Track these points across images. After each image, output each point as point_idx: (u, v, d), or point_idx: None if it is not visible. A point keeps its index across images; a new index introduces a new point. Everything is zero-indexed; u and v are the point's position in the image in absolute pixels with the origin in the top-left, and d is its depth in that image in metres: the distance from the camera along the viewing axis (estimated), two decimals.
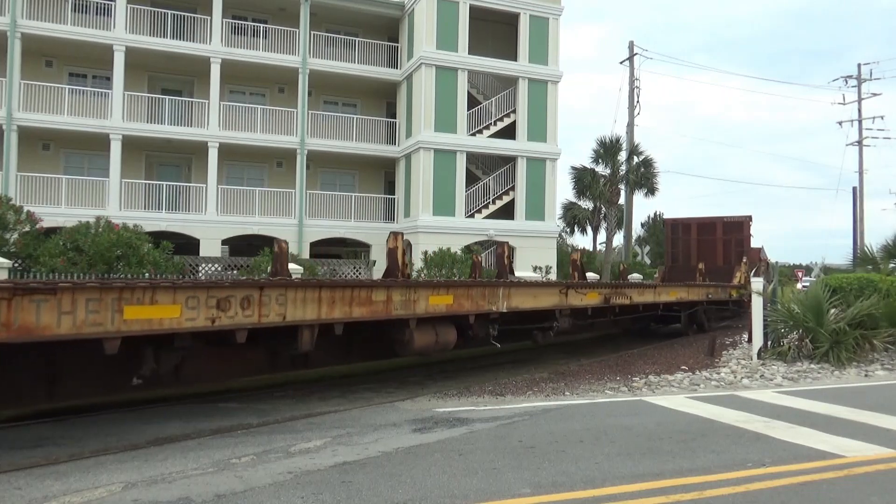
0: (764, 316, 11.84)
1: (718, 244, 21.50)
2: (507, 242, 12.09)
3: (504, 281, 10.51)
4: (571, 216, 33.88)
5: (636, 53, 33.65)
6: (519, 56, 26.71)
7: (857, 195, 38.93)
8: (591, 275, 20.53)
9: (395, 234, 10.13)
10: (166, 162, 26.42)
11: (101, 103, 23.79)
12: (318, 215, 26.03)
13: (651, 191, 32.41)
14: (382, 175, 29.01)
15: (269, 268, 14.79)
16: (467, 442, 5.99)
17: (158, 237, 18.01)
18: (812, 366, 10.89)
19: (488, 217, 26.34)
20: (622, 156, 31.25)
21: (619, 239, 34.81)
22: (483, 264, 22.53)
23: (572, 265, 14.28)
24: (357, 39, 27.37)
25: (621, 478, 4.93)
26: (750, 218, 21.52)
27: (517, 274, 18.60)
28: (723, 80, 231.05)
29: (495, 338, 10.10)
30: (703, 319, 17.00)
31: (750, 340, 12.75)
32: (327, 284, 7.42)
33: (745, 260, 19.27)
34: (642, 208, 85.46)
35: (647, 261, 45.33)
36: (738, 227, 21.40)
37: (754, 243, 27.89)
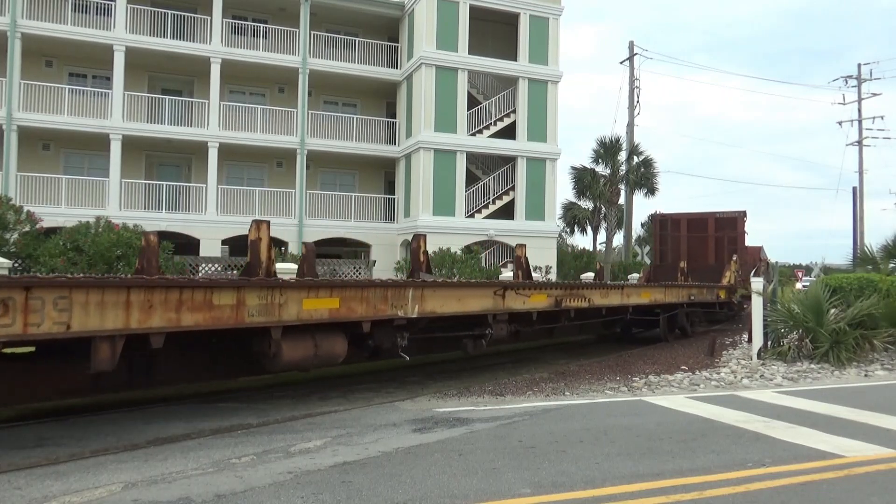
0: (764, 316, 11.84)
1: (710, 241, 20.27)
2: (425, 235, 10.45)
3: (415, 281, 8.82)
4: (571, 216, 33.91)
5: (636, 53, 33.66)
6: (519, 56, 26.71)
7: (857, 195, 38.95)
8: (588, 275, 20.41)
9: (257, 223, 8.72)
10: (166, 162, 26.43)
11: (101, 103, 23.80)
12: (318, 215, 26.04)
13: (651, 191, 32.43)
14: (382, 175, 29.02)
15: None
16: (467, 442, 5.99)
17: (159, 237, 17.98)
18: (812, 366, 10.89)
19: (488, 217, 26.34)
20: (622, 156, 31.27)
21: (619, 239, 34.83)
22: (483, 264, 22.67)
23: (515, 263, 12.29)
24: (357, 39, 27.38)
25: (621, 478, 4.93)
26: (744, 213, 20.21)
27: (509, 273, 18.50)
28: (723, 80, 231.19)
29: (405, 348, 8.58)
30: (686, 323, 15.61)
31: (750, 340, 12.75)
32: (141, 284, 5.86)
33: (734, 258, 17.98)
34: (642, 208, 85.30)
35: (648, 261, 45.31)
36: (731, 224, 20.14)
37: (753, 241, 27.69)
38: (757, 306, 11.91)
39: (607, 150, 30.67)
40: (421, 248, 10.34)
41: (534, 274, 18.04)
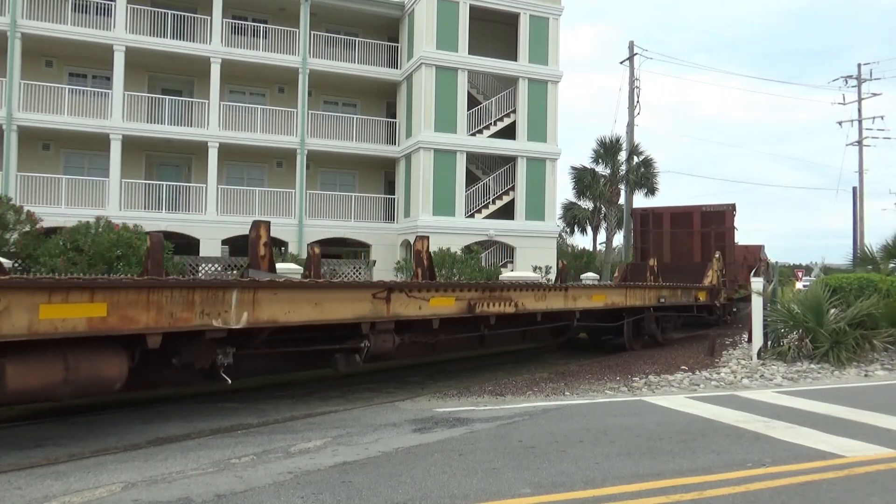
0: (764, 316, 11.85)
1: (695, 238, 18.49)
2: (269, 221, 9.02)
3: (241, 281, 6.96)
4: (571, 216, 33.89)
5: (636, 53, 33.64)
6: (519, 56, 26.70)
7: (857, 195, 38.92)
8: (590, 275, 20.20)
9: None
10: (166, 162, 26.42)
11: (101, 103, 23.79)
12: (318, 215, 26.03)
13: (651, 191, 32.41)
14: (382, 175, 29.01)
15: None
16: (467, 442, 5.99)
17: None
18: (812, 366, 10.89)
19: (488, 217, 26.33)
20: (622, 156, 31.26)
21: (619, 239, 34.83)
22: (483, 264, 22.67)
23: (415, 258, 10.30)
24: (357, 39, 27.37)
25: (621, 478, 4.93)
26: (733, 207, 18.46)
27: (516, 273, 18.37)
28: (723, 80, 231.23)
29: (235, 367, 6.91)
30: (655, 329, 13.93)
31: (750, 340, 12.76)
32: None
33: (717, 256, 16.26)
34: None
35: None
36: (718, 218, 18.38)
37: (753, 241, 27.72)
38: (757, 306, 11.92)
39: (607, 150, 30.67)
40: (262, 239, 8.89)
41: (533, 274, 17.79)
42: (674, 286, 14.51)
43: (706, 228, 18.37)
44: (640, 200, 32.40)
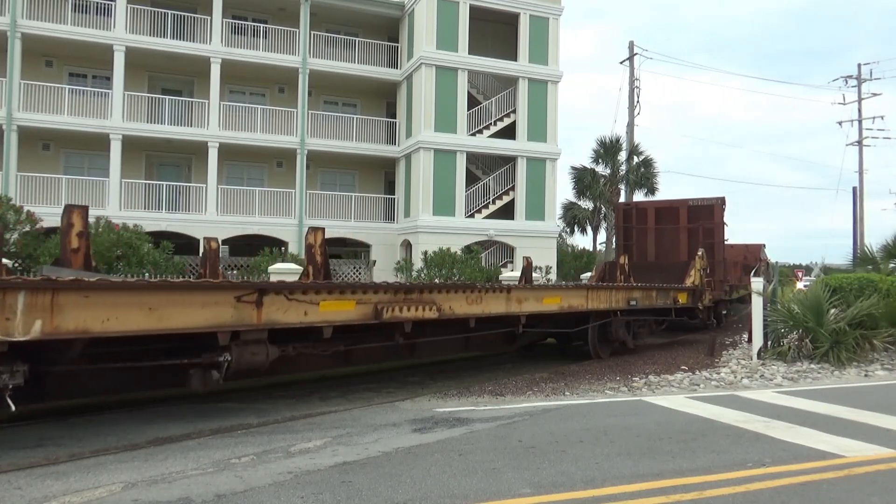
0: (764, 316, 11.85)
1: (682, 234, 17.21)
2: (86, 206, 7.30)
3: (32, 280, 5.51)
4: (571, 216, 33.91)
5: (636, 53, 33.65)
6: (519, 56, 26.71)
7: (857, 195, 38.95)
8: (587, 274, 20.12)
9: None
10: (166, 162, 26.43)
11: (101, 103, 23.80)
12: (318, 215, 26.02)
13: (651, 191, 32.43)
14: (382, 175, 29.02)
15: (267, 267, 14.86)
16: (467, 442, 5.99)
17: (158, 237, 18.02)
18: (812, 366, 10.89)
19: (488, 217, 26.34)
20: (622, 156, 31.30)
21: None
22: (483, 264, 22.66)
23: (306, 254, 8.76)
24: (357, 39, 27.38)
25: (621, 478, 4.93)
26: (722, 201, 17.15)
27: (516, 273, 18.11)
28: (723, 80, 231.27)
29: (24, 389, 5.60)
30: (626, 335, 12.55)
31: (750, 340, 12.76)
32: None
33: (700, 253, 14.79)
34: None
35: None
36: (707, 213, 17.10)
37: (754, 241, 27.64)
38: (757, 306, 11.92)
39: (607, 150, 30.70)
40: (76, 228, 7.27)
41: (533, 274, 17.46)
42: (647, 287, 13.06)
43: (693, 224, 17.10)
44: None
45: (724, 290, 18.10)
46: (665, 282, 14.07)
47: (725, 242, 17.70)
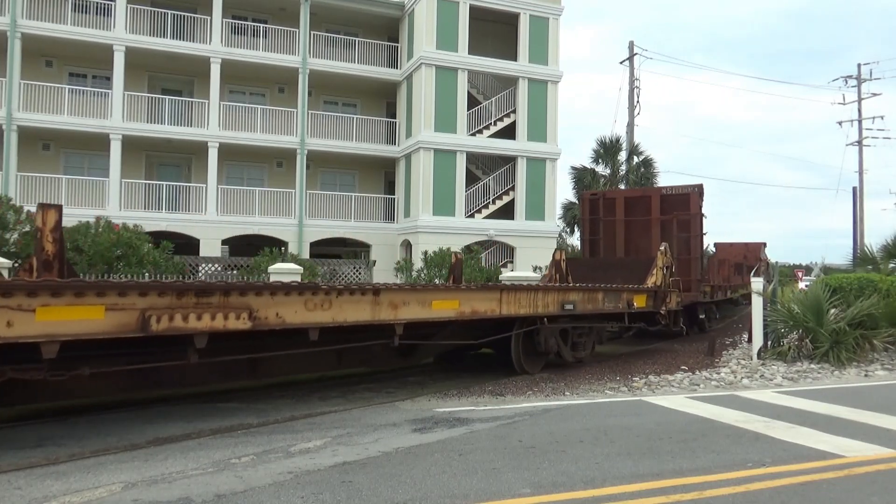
0: (764, 316, 11.85)
1: (654, 227, 15.39)
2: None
3: None
4: (571, 216, 33.90)
5: (636, 53, 33.66)
6: (519, 56, 26.72)
7: (857, 195, 38.95)
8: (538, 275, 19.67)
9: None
10: (166, 162, 26.43)
11: (101, 103, 23.80)
12: (318, 215, 26.04)
13: None
14: (382, 175, 29.02)
15: (267, 267, 14.86)
16: (467, 442, 5.99)
17: (158, 237, 18.01)
18: (812, 366, 10.89)
19: (488, 217, 26.35)
20: (622, 156, 31.32)
21: None
22: (483, 264, 22.66)
23: (34, 241, 6.96)
24: (357, 39, 27.39)
25: (621, 478, 4.93)
26: (700, 188, 15.37)
27: (516, 273, 17.95)
28: (723, 80, 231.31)
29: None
30: (560, 345, 10.64)
31: (750, 340, 12.77)
32: None
33: (662, 248, 12.85)
34: None
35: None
36: (682, 203, 15.22)
37: (754, 240, 27.58)
38: (757, 306, 11.93)
39: (607, 150, 30.72)
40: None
41: (533, 274, 17.38)
42: (590, 288, 11.04)
43: (667, 215, 15.28)
44: None
45: (703, 292, 15.93)
46: (632, 281, 12.42)
47: (705, 235, 16.14)
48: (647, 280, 12.50)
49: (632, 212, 15.92)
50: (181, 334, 6.21)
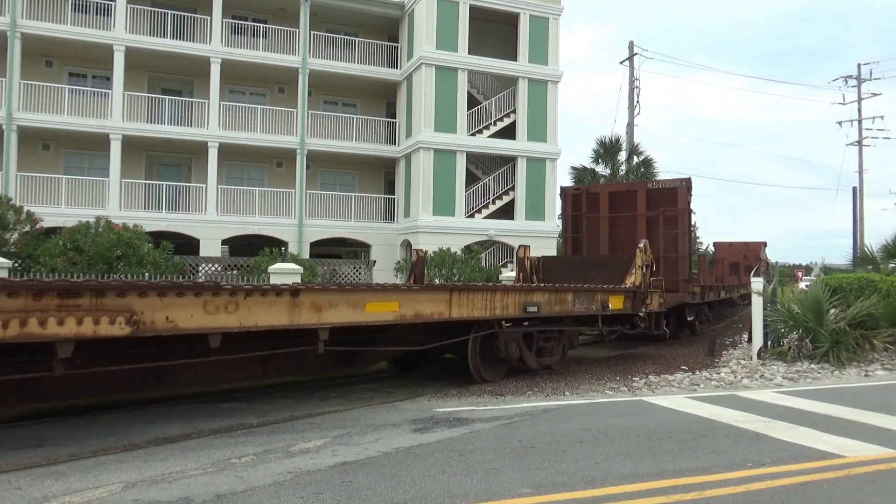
0: (764, 316, 11.85)
1: (640, 223, 14.62)
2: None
3: None
4: None
5: (636, 53, 33.65)
6: (519, 56, 26.71)
7: (857, 195, 38.92)
8: (509, 275, 19.51)
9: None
10: (166, 162, 26.43)
11: (101, 103, 23.80)
12: (318, 215, 26.04)
13: None
14: (382, 175, 29.02)
15: (267, 267, 14.86)
16: (467, 442, 5.99)
17: (158, 237, 18.02)
18: (812, 366, 10.89)
19: (488, 217, 26.34)
20: (622, 156, 31.32)
21: None
22: (483, 264, 22.66)
23: None
24: (357, 39, 27.38)
25: (621, 478, 4.93)
26: (687, 183, 14.52)
27: (510, 273, 17.78)
28: (722, 81, 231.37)
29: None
30: (521, 351, 9.64)
31: (750, 340, 12.77)
32: None
33: (641, 245, 11.96)
34: None
35: None
36: (669, 198, 14.48)
37: (755, 239, 27.51)
38: (757, 306, 11.93)
39: (607, 150, 30.73)
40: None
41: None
42: (557, 289, 10.16)
43: (653, 211, 14.55)
44: None
45: (691, 292, 14.98)
46: (613, 281, 11.64)
47: (695, 232, 15.88)
48: (625, 280, 11.63)
49: (617, 208, 15.20)
50: (39, 342, 5.40)
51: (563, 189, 16.89)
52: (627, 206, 14.99)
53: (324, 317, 7.02)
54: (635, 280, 11.55)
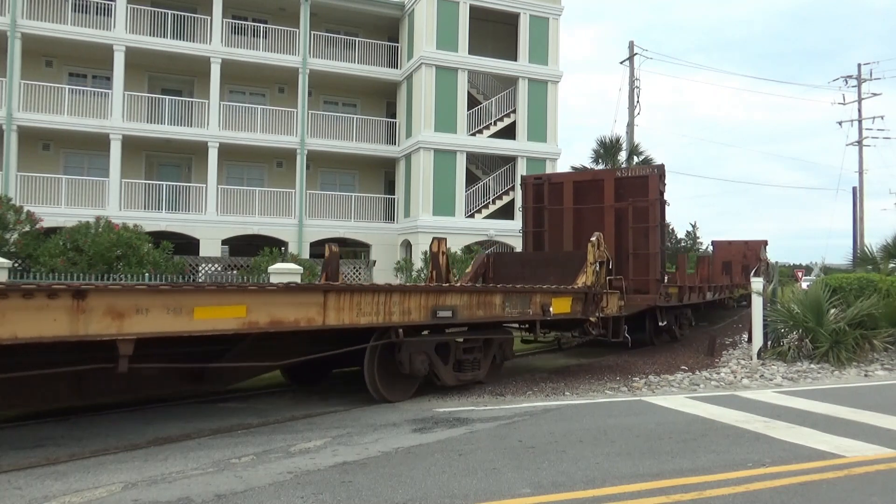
0: (764, 316, 11.85)
1: (607, 215, 13.19)
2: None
3: None
4: None
5: (636, 53, 33.64)
6: (519, 56, 26.73)
7: (857, 195, 38.92)
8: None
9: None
10: (166, 162, 26.44)
11: (101, 103, 23.81)
12: (318, 215, 26.05)
13: None
14: (382, 175, 29.04)
15: (267, 267, 14.86)
16: (467, 442, 5.99)
17: (158, 237, 18.04)
18: (812, 366, 10.89)
19: (488, 217, 26.36)
20: (622, 155, 31.28)
21: None
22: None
23: None
24: (357, 39, 27.40)
25: (621, 478, 4.93)
26: (660, 170, 13.21)
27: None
28: (722, 80, 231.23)
29: None
30: (431, 365, 8.11)
31: (750, 340, 12.76)
32: None
33: (594, 239, 10.31)
34: None
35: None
36: (640, 187, 12.97)
37: (755, 238, 27.34)
38: (757, 306, 11.93)
39: (607, 149, 30.69)
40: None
41: None
42: (480, 290, 8.67)
43: (622, 203, 13.09)
44: None
45: (663, 294, 13.29)
46: (567, 280, 10.41)
47: (668, 225, 13.61)
48: (576, 279, 10.18)
49: (582, 199, 13.70)
50: None
51: (523, 178, 15.56)
52: (594, 197, 13.55)
53: (126, 326, 5.40)
54: (587, 279, 10.03)
